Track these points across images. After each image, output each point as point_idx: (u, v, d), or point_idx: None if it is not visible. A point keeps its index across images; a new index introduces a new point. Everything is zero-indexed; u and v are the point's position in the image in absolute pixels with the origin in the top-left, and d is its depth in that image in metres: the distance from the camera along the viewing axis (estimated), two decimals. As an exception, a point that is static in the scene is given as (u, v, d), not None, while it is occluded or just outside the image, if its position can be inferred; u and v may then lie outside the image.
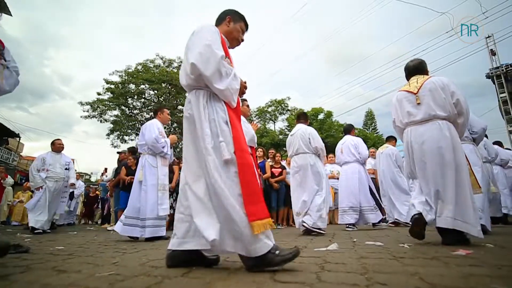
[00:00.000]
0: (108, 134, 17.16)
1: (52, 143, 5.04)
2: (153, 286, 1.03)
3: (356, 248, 2.04)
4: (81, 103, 16.24)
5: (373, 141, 20.86)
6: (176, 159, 6.30)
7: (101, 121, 17.04)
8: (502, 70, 9.88)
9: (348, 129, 4.67)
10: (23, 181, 14.11)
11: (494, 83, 10.30)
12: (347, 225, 4.02)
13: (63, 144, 5.10)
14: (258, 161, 5.52)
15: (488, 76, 10.43)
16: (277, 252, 1.25)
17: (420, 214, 2.07)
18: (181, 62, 19.11)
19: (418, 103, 2.25)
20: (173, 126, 19.37)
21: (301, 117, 3.97)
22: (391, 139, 5.27)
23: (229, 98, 1.46)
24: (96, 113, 16.56)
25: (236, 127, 1.41)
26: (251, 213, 1.24)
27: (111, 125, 17.21)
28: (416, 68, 2.47)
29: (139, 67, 18.43)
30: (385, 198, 4.67)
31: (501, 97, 10.22)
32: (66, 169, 4.94)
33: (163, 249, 2.20)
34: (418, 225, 2.07)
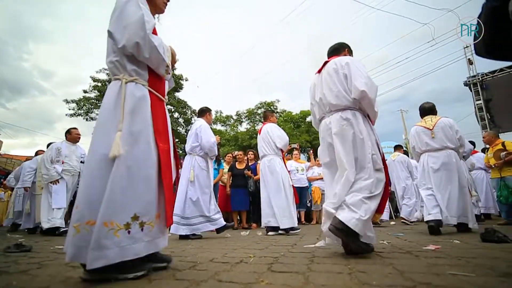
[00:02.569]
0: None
1: (68, 132, 4.41)
2: (166, 277, 1.18)
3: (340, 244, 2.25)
4: (67, 101, 15.86)
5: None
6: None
7: (87, 119, 16.68)
8: (478, 78, 10.43)
9: None
10: (1, 179, 13.56)
11: (471, 90, 10.87)
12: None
13: (80, 134, 4.53)
14: (250, 163, 5.69)
15: (465, 84, 11.00)
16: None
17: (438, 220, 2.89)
18: (170, 61, 19.15)
19: (433, 137, 3.14)
20: (162, 125, 19.22)
21: None
22: (399, 147, 6.03)
23: (376, 118, 1.99)
24: (82, 111, 16.20)
25: (379, 144, 1.91)
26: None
27: (98, 124, 16.88)
28: (430, 109, 3.38)
29: (128, 65, 18.17)
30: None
31: (477, 104, 10.78)
32: (81, 162, 4.37)
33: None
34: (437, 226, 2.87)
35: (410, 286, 0.95)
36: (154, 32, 1.32)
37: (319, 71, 2.10)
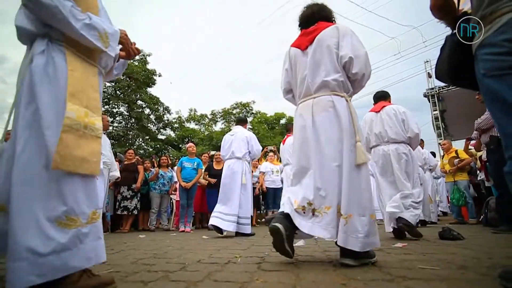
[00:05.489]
0: (55, 127, 15.50)
1: None
2: (160, 278, 1.19)
3: (319, 244, 2.39)
4: (23, 91, 14.42)
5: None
6: (139, 158, 6.14)
7: (46, 112, 15.33)
8: (436, 91, 11.39)
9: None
10: None
11: (429, 101, 11.81)
12: None
13: (109, 121, 4.18)
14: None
15: (425, 95, 11.95)
16: None
17: None
18: (143, 55, 18.34)
19: None
20: (131, 121, 18.37)
21: None
22: None
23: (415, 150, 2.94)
24: (41, 102, 14.84)
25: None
26: None
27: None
28: None
29: (95, 56, 17.04)
30: None
31: (434, 114, 11.75)
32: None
33: (143, 249, 2.28)
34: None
35: (389, 279, 1.08)
36: None
37: (377, 111, 2.87)
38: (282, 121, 21.92)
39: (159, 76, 18.64)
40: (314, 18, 1.69)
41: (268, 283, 1.07)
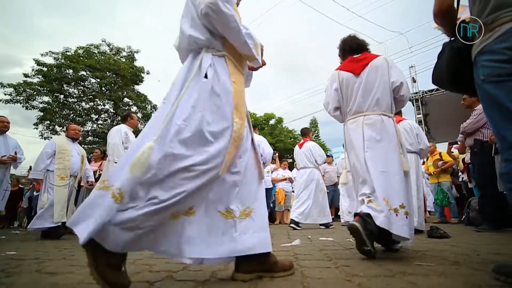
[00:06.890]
0: (36, 124, 14.87)
1: (130, 117, 4.12)
2: (165, 278, 1.18)
3: (314, 243, 2.43)
4: (1, 85, 13.73)
5: (317, 148, 22.66)
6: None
7: (27, 108, 14.67)
8: (420, 95, 11.78)
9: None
10: None
11: (413, 105, 12.19)
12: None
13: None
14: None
15: (409, 99, 12.33)
16: None
17: None
18: (130, 51, 17.96)
19: None
20: (117, 119, 17.89)
21: None
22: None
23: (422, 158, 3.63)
24: (21, 97, 14.20)
25: None
26: None
27: (40, 113, 14.97)
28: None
29: (80, 51, 16.50)
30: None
31: (417, 118, 12.14)
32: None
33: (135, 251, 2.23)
34: None
35: (390, 275, 1.12)
36: None
37: None
38: (271, 121, 22.07)
39: (147, 73, 18.28)
40: (361, 49, 2.00)
41: (275, 280, 1.09)
